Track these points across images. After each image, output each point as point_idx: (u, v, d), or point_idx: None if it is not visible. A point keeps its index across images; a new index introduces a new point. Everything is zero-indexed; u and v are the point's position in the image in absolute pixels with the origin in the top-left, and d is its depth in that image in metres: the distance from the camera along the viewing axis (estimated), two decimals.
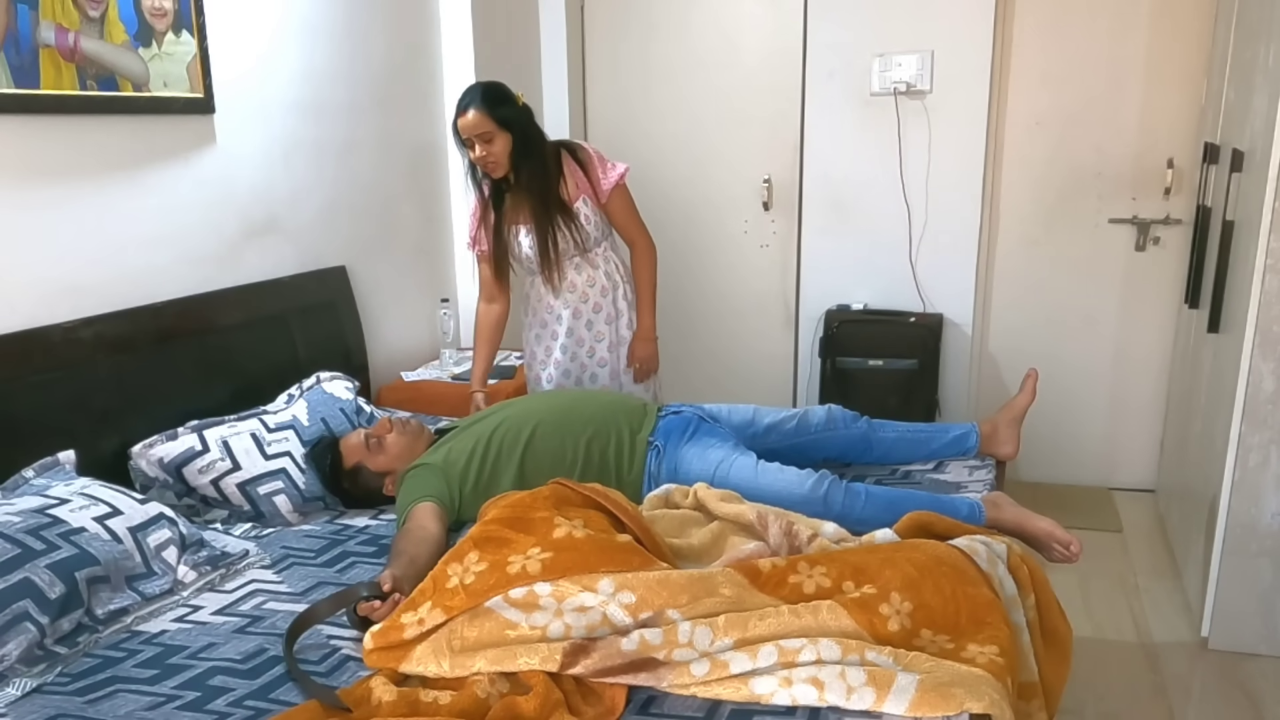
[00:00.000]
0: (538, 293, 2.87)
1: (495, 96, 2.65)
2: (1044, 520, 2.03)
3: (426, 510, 2.02)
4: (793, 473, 2.11)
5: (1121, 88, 3.61)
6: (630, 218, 2.83)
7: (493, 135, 2.61)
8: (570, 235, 2.73)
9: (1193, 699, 2.54)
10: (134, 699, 1.50)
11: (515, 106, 2.67)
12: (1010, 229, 3.84)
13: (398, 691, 1.43)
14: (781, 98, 3.92)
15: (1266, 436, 2.55)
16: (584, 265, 2.81)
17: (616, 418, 2.28)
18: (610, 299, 2.84)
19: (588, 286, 2.81)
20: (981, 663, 1.43)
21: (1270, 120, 2.43)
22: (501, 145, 2.63)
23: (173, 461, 2.22)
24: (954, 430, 2.43)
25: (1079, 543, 2.00)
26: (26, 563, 1.66)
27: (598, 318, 2.84)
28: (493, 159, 2.64)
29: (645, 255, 2.85)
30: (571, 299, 2.82)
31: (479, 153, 2.64)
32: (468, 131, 2.62)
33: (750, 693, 1.41)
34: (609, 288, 2.83)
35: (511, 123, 2.64)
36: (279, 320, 2.76)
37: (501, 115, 2.62)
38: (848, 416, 2.43)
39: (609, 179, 2.76)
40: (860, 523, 1.99)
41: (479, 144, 2.63)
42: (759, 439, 2.35)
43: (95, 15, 2.20)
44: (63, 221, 2.19)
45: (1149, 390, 3.81)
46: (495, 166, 2.66)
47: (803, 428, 2.40)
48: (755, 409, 2.43)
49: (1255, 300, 2.48)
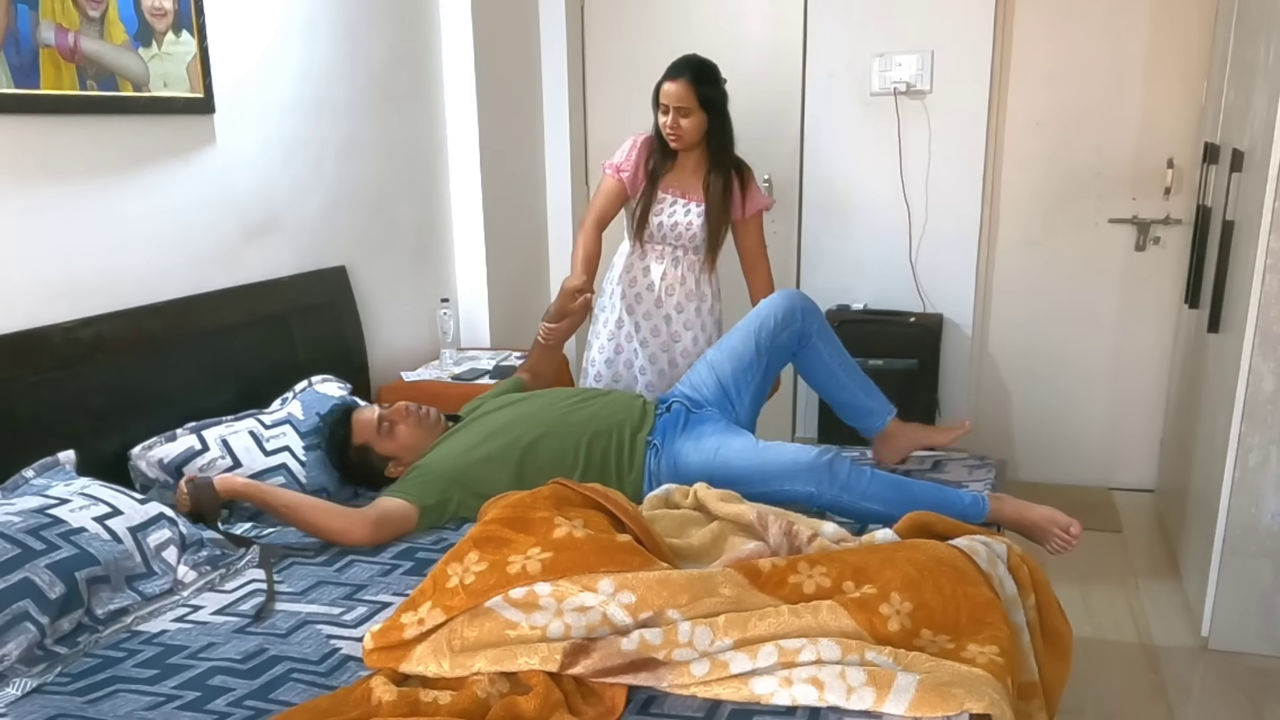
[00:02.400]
0: (628, 263, 2.88)
1: (707, 74, 2.69)
2: (1043, 507, 2.06)
3: (398, 508, 2.07)
4: (794, 446, 2.13)
5: (1121, 88, 3.61)
6: (760, 247, 2.90)
7: (690, 111, 2.67)
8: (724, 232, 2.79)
9: (1193, 699, 2.54)
10: (134, 699, 1.50)
11: (722, 91, 2.72)
12: (1010, 229, 3.84)
13: (398, 691, 1.43)
14: (781, 98, 3.92)
15: (1266, 436, 2.55)
16: (681, 263, 2.84)
17: (617, 417, 2.28)
18: (695, 306, 2.87)
19: (677, 283, 2.84)
20: (982, 663, 1.43)
21: (1270, 120, 2.43)
22: (693, 123, 2.69)
23: (173, 462, 2.22)
24: (874, 403, 2.38)
25: (1079, 525, 2.02)
26: (26, 562, 1.66)
27: (677, 317, 2.87)
28: (680, 132, 2.69)
29: (767, 285, 2.88)
30: (657, 285, 2.84)
31: (669, 121, 2.69)
32: (668, 98, 2.68)
33: (750, 693, 1.41)
34: (695, 295, 2.86)
35: (714, 104, 2.70)
36: (279, 320, 2.76)
37: (705, 94, 2.68)
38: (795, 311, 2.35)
39: (758, 202, 2.84)
40: (865, 497, 1.99)
41: (675, 113, 2.68)
42: (739, 400, 2.35)
43: (95, 15, 2.20)
44: (63, 221, 2.19)
45: (1149, 390, 3.81)
46: (680, 140, 2.71)
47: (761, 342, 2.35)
48: (716, 371, 2.38)
49: (1255, 300, 2.48)
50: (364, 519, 2.03)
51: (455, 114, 3.56)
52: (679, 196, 2.80)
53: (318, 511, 2.04)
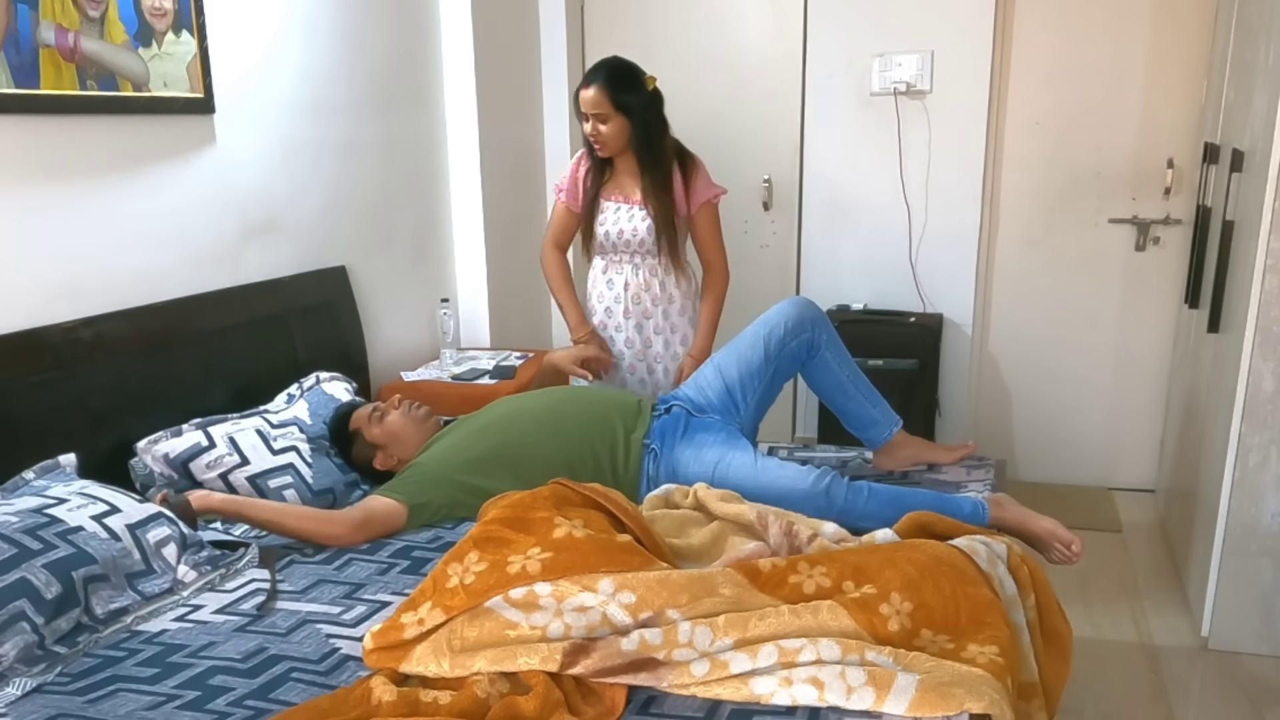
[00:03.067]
0: (592, 277, 2.89)
1: (622, 79, 2.64)
2: (1046, 520, 2.03)
3: (384, 508, 2.08)
4: (793, 468, 2.11)
5: (1121, 88, 3.61)
6: (713, 239, 2.83)
7: (608, 117, 2.63)
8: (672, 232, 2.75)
9: (1193, 699, 2.54)
10: (134, 698, 1.50)
11: (641, 93, 2.66)
12: (1010, 229, 3.84)
13: (398, 691, 1.43)
14: (781, 98, 3.92)
15: (1266, 436, 2.55)
16: (641, 269, 2.82)
17: (610, 416, 2.28)
18: (662, 310, 2.84)
19: (643, 290, 2.82)
20: (981, 663, 1.43)
21: (1270, 120, 2.43)
22: (614, 129, 2.64)
23: (179, 457, 2.22)
24: (879, 414, 2.37)
25: (1080, 542, 2.00)
26: (23, 563, 1.65)
27: (647, 324, 2.85)
28: (602, 139, 2.66)
29: (719, 279, 2.85)
30: (623, 296, 2.83)
31: (590, 128, 2.66)
32: (585, 106, 2.64)
33: (750, 693, 1.41)
34: (662, 299, 2.83)
35: (631, 109, 2.64)
36: (279, 320, 2.76)
37: (621, 100, 2.62)
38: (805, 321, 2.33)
39: (704, 194, 2.77)
40: (863, 518, 1.99)
41: (593, 120, 2.64)
42: (744, 405, 2.34)
43: (95, 15, 2.20)
44: (63, 221, 2.19)
45: (1149, 390, 3.82)
46: (604, 147, 2.68)
47: (770, 349, 2.32)
48: (722, 374, 2.35)
49: (1255, 300, 2.48)
50: (347, 521, 2.03)
51: (455, 114, 3.56)
52: (621, 202, 2.77)
53: (302, 520, 2.04)
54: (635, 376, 2.90)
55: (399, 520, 2.09)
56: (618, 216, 2.77)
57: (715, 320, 2.86)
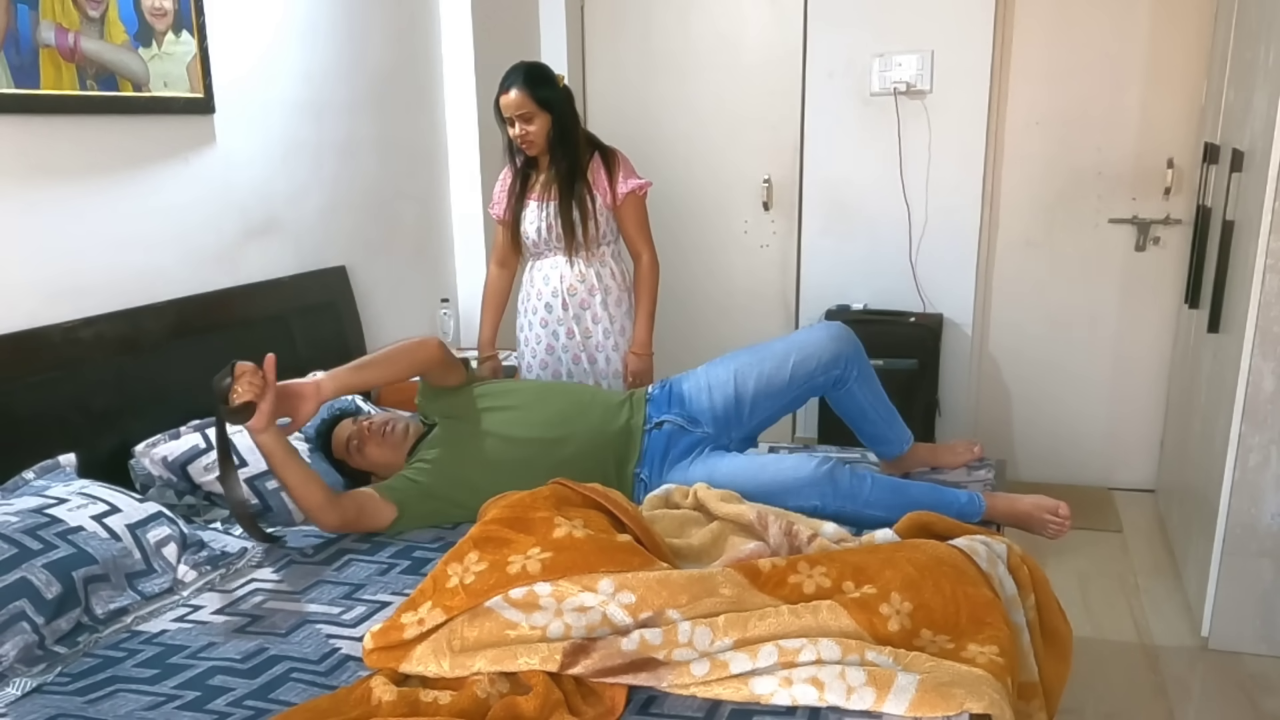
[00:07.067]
0: (529, 278, 2.93)
1: (538, 77, 2.70)
2: (1028, 496, 2.11)
3: (376, 508, 2.07)
4: (792, 458, 2.11)
5: (1121, 88, 3.61)
6: (639, 230, 2.86)
7: (532, 115, 2.69)
8: (583, 220, 2.77)
9: (1193, 699, 2.54)
10: (134, 699, 1.50)
11: (556, 89, 2.74)
12: (1010, 229, 3.84)
13: (398, 691, 1.43)
14: (781, 98, 3.92)
15: (1266, 436, 2.55)
16: (577, 261, 2.83)
17: (601, 453, 2.23)
18: (600, 300, 2.86)
19: (578, 281, 2.84)
20: (981, 663, 1.43)
21: (1270, 120, 2.43)
22: (540, 125, 2.70)
23: (177, 460, 2.22)
24: (894, 434, 2.34)
25: (1067, 506, 2.07)
26: (23, 563, 1.66)
27: (584, 314, 2.87)
28: (530, 138, 2.71)
29: (649, 269, 2.87)
30: (559, 289, 2.85)
31: (518, 131, 2.72)
32: (509, 110, 2.69)
33: (750, 693, 1.41)
34: (598, 289, 2.85)
35: (552, 104, 2.71)
36: (279, 320, 2.76)
37: (542, 96, 2.68)
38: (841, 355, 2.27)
39: (626, 185, 2.80)
40: (868, 505, 1.99)
41: (519, 122, 2.70)
42: (750, 420, 2.29)
43: (95, 15, 2.20)
44: (63, 221, 2.19)
45: (1149, 390, 3.81)
46: (531, 145, 2.74)
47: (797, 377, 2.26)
48: (737, 381, 2.30)
49: (1255, 300, 2.48)
50: (338, 508, 2.01)
51: (455, 114, 3.56)
52: (539, 201, 2.82)
53: (310, 480, 1.98)
54: (579, 366, 2.92)
55: (382, 523, 2.09)
56: (536, 215, 2.81)
57: (652, 310, 2.89)
